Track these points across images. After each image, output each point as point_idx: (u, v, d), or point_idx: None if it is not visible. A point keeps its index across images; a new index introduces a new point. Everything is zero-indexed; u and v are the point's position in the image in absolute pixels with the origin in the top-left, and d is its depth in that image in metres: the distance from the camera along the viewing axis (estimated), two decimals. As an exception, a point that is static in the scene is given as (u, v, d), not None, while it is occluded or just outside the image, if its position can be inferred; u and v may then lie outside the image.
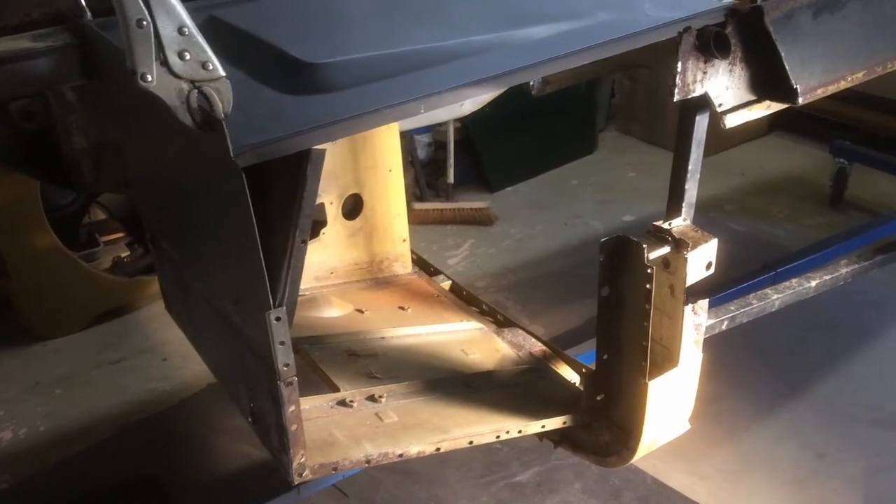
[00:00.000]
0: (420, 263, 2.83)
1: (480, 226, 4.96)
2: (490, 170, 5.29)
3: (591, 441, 2.05)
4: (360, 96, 1.37)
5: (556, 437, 2.10)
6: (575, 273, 4.46)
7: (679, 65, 1.67)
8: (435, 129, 5.27)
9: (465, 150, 5.28)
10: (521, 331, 2.30)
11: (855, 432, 3.51)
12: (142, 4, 1.16)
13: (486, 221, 4.97)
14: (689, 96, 1.74)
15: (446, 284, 2.74)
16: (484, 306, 2.64)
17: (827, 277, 2.36)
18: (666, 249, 1.76)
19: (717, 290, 3.52)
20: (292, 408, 1.43)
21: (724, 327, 2.20)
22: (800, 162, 5.59)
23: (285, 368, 1.41)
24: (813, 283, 2.34)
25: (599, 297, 1.83)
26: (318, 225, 2.28)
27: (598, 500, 3.30)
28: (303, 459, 1.50)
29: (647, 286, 1.74)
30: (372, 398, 1.83)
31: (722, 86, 1.77)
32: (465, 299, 2.68)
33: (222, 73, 1.24)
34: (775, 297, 2.27)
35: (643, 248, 1.73)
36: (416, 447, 1.69)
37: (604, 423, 1.97)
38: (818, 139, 5.49)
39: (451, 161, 5.09)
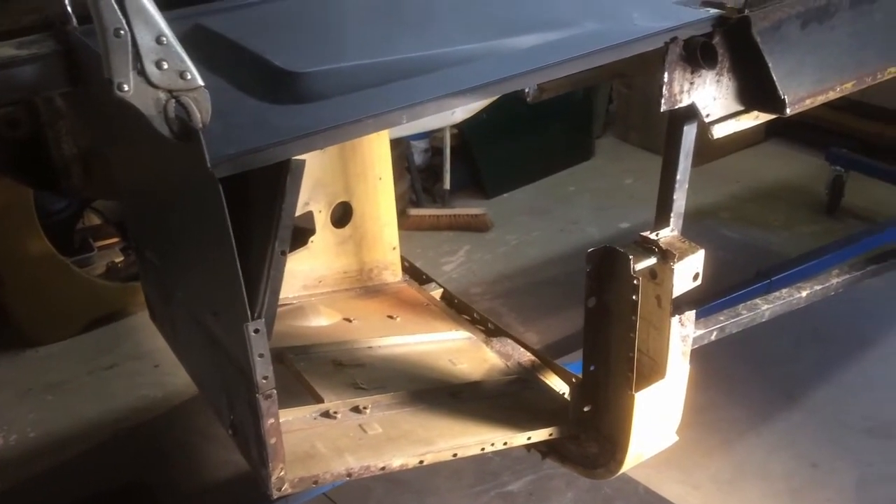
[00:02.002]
0: (412, 271, 2.82)
1: (476, 232, 4.95)
2: (486, 176, 5.28)
3: (578, 453, 2.03)
4: (343, 106, 1.36)
5: (543, 449, 2.08)
6: (570, 280, 4.45)
7: (666, 75, 1.66)
8: (432, 136, 5.26)
9: (462, 156, 5.27)
10: (510, 340, 2.29)
11: (849, 442, 3.49)
12: (119, 13, 1.15)
13: (482, 228, 4.96)
14: (676, 107, 1.73)
15: (438, 292, 2.73)
16: (475, 314, 2.63)
17: (818, 287, 2.34)
18: (652, 260, 1.75)
19: (710, 298, 3.52)
20: (271, 421, 1.42)
21: (713, 338, 2.19)
22: (796, 169, 5.58)
23: (264, 381, 1.39)
24: (804, 294, 2.32)
25: (586, 308, 1.82)
26: (306, 233, 2.27)
27: (591, 510, 3.29)
28: (282, 473, 1.49)
29: (634, 297, 1.72)
30: (356, 409, 1.82)
31: (709, 96, 1.76)
32: (457, 307, 2.67)
33: (200, 82, 1.23)
34: (765, 308, 2.26)
35: (629, 259, 1.71)
36: (399, 460, 1.67)
37: (591, 434, 1.96)
38: (815, 147, 5.48)
39: (448, 167, 5.08)
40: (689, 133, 1.85)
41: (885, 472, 3.32)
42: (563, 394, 2.11)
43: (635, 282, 1.71)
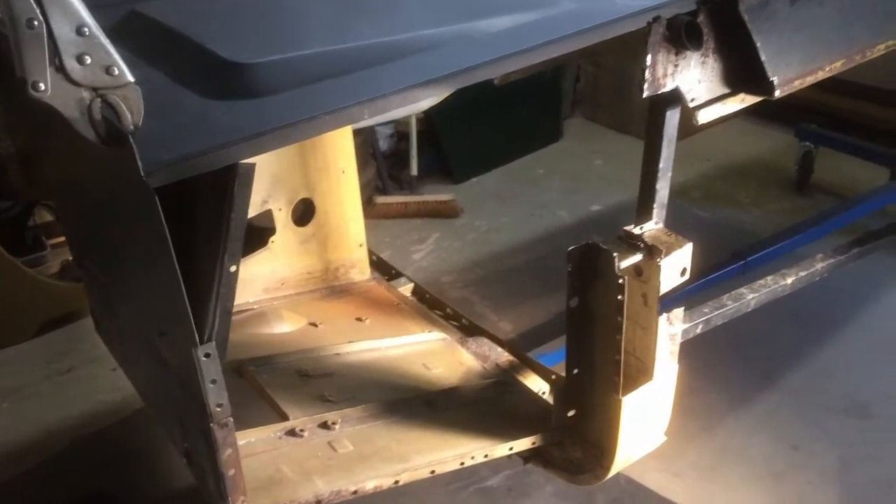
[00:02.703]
0: (380, 266, 2.69)
1: (446, 219, 4.83)
2: (454, 161, 5.15)
3: (562, 458, 1.93)
4: (296, 101, 1.22)
5: (525, 454, 1.97)
6: (542, 265, 4.37)
7: (648, 57, 1.54)
8: (397, 121, 5.11)
9: (429, 141, 5.13)
10: (486, 339, 2.17)
11: (827, 423, 3.46)
12: (32, 1, 1.00)
13: (451, 214, 4.84)
14: (660, 91, 1.61)
15: (408, 287, 2.61)
16: (448, 309, 2.51)
17: (803, 274, 2.26)
18: (638, 257, 1.63)
19: (687, 281, 3.44)
20: (228, 451, 1.29)
21: (698, 331, 2.09)
22: (766, 146, 5.53)
23: (218, 409, 1.26)
24: (789, 280, 2.23)
25: (568, 309, 1.70)
26: (265, 233, 2.13)
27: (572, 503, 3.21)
28: (244, 504, 1.36)
29: (619, 297, 1.61)
30: (324, 425, 1.68)
31: (694, 79, 1.64)
32: (429, 303, 2.55)
33: (130, 78, 1.07)
34: (751, 297, 2.17)
35: (614, 257, 1.60)
36: (373, 481, 1.55)
37: (576, 440, 1.85)
38: (785, 123, 5.43)
39: (415, 153, 4.95)
40: (672, 118, 1.74)
41: (865, 453, 3.30)
42: (544, 394, 2.00)
43: (620, 280, 1.60)
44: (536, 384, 2.01)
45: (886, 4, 1.78)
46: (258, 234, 2.10)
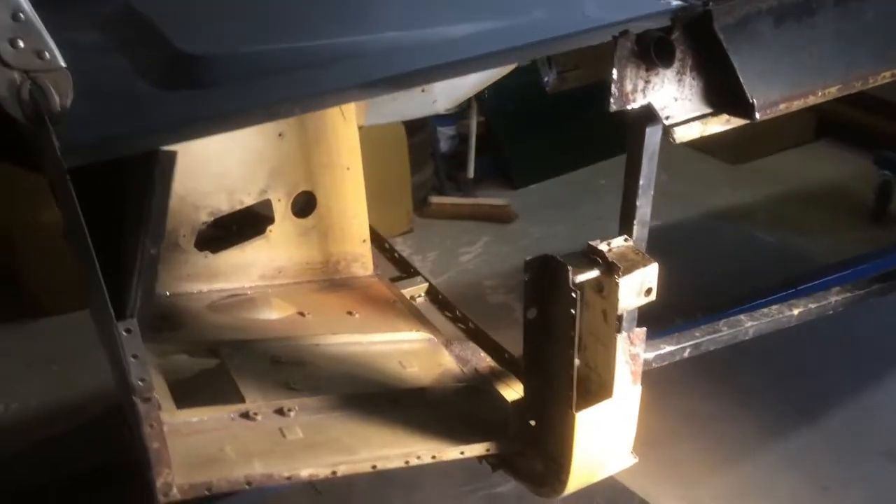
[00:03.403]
0: (400, 263, 2.72)
1: (499, 223, 4.82)
2: (514, 166, 5.13)
3: (526, 469, 1.92)
4: (236, 94, 1.26)
5: (494, 461, 1.97)
6: (587, 278, 4.30)
7: (615, 72, 1.52)
8: (459, 122, 5.14)
9: (491, 145, 5.14)
10: (472, 344, 2.17)
11: (864, 465, 3.31)
12: (-30, -13, 1.08)
13: (504, 219, 4.83)
14: (629, 107, 1.59)
15: (422, 287, 2.63)
16: (458, 312, 2.52)
17: (812, 306, 2.16)
18: (594, 273, 1.61)
19: (731, 304, 3.34)
20: (151, 425, 1.34)
21: (685, 355, 2.04)
22: (844, 172, 5.28)
23: (140, 384, 1.32)
24: (795, 312, 2.15)
25: (525, 320, 1.69)
26: (263, 220, 2.20)
27: (580, 519, 3.18)
28: (168, 479, 1.42)
29: (573, 311, 1.59)
30: (280, 411, 1.73)
31: (669, 96, 1.61)
32: (440, 304, 2.57)
33: (61, 63, 1.14)
34: (749, 325, 2.09)
35: (568, 270, 1.58)
36: (309, 469, 1.58)
37: (536, 452, 1.84)
38: (866, 149, 5.18)
39: (472, 155, 4.97)
40: (653, 135, 1.71)
41: (898, 500, 3.14)
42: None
43: (574, 295, 1.58)
44: (512, 395, 2.00)
45: (891, 30, 1.71)
46: (256, 222, 2.16)
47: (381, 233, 2.62)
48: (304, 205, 2.24)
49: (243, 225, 2.16)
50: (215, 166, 2.05)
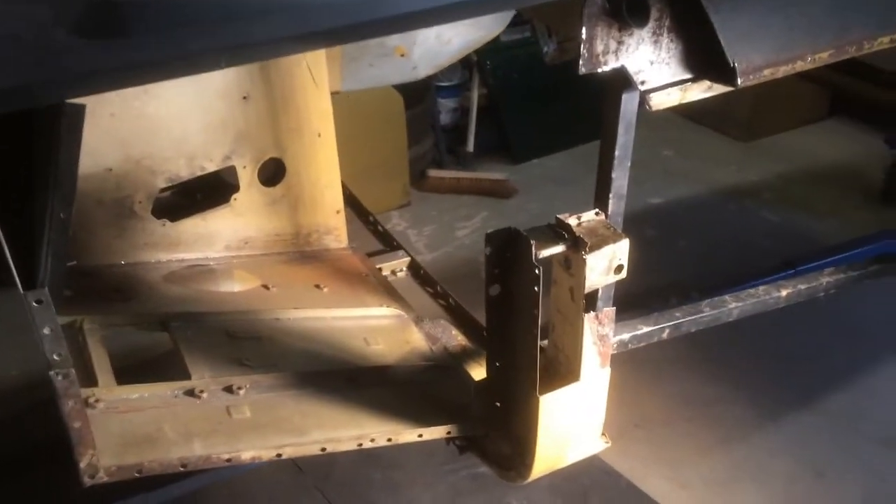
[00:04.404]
0: (383, 237, 2.63)
1: (498, 198, 4.73)
2: (515, 140, 5.02)
3: (493, 451, 1.83)
4: (156, 44, 1.16)
5: (462, 443, 1.88)
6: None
7: (584, 31, 1.40)
8: (462, 94, 5.02)
9: (492, 119, 5.02)
10: (444, 322, 2.08)
11: (862, 451, 3.22)
12: None
13: (504, 194, 4.73)
14: (599, 69, 1.48)
15: (404, 261, 2.53)
16: (438, 288, 2.43)
17: (802, 287, 2.05)
18: (560, 248, 1.51)
19: (730, 284, 3.23)
20: (70, 403, 1.26)
21: (664, 336, 1.93)
22: (855, 151, 5.13)
23: (56, 358, 1.23)
24: (783, 293, 2.03)
25: (487, 297, 1.59)
26: (227, 188, 2.10)
27: (564, 500, 3.09)
28: (93, 460, 1.33)
29: (535, 288, 1.49)
30: (229, 389, 1.64)
31: (644, 60, 1.50)
32: (421, 279, 2.48)
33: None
34: (733, 306, 1.98)
35: (531, 245, 1.48)
36: (252, 451, 1.49)
37: (502, 434, 1.75)
38: (880, 127, 5.02)
39: (473, 128, 4.87)
40: (630, 102, 1.60)
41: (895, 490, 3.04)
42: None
43: (537, 271, 1.48)
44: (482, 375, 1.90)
45: (890, -9, 1.58)
46: (219, 190, 2.07)
47: (377, 206, 2.52)
48: (273, 173, 2.14)
49: (207, 192, 2.06)
50: (174, 129, 1.95)
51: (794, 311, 3.64)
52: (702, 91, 1.58)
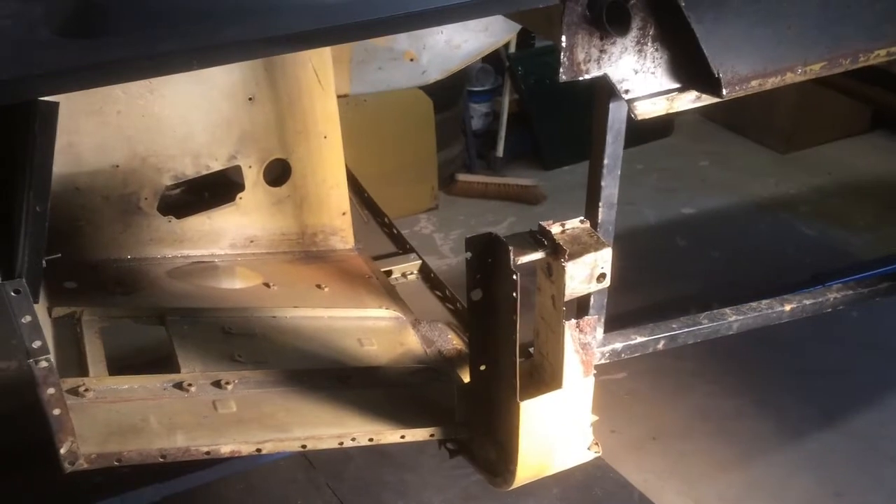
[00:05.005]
0: (397, 239, 2.66)
1: (526, 204, 4.72)
2: (546, 147, 5.00)
3: (482, 456, 1.83)
4: (128, 44, 1.19)
5: (452, 447, 1.89)
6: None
7: (564, 39, 1.41)
8: (494, 99, 5.03)
9: (524, 125, 5.01)
10: (441, 325, 2.09)
11: (883, 473, 3.15)
12: None
13: (532, 200, 4.72)
14: (581, 78, 1.48)
15: (416, 265, 2.56)
16: (447, 291, 2.45)
17: (807, 302, 2.02)
18: (538, 255, 1.51)
19: (754, 297, 3.19)
20: (50, 391, 1.30)
21: (660, 347, 1.92)
22: (897, 165, 5.01)
23: (35, 347, 1.27)
24: (787, 308, 2.00)
25: (469, 301, 1.60)
26: (233, 187, 2.14)
27: (575, 510, 3.08)
28: (73, 447, 1.38)
29: (514, 294, 1.50)
30: (217, 384, 1.67)
31: (628, 69, 1.49)
32: (432, 282, 2.50)
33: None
34: (733, 319, 1.96)
35: (510, 251, 1.49)
36: (231, 445, 1.52)
37: (487, 439, 1.76)
38: (923, 141, 4.90)
39: (503, 133, 4.87)
40: (618, 110, 1.59)
41: (915, 513, 2.97)
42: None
43: (514, 277, 1.49)
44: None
45: (885, 3, 1.55)
46: (226, 189, 2.11)
47: (405, 208, 2.53)
48: (279, 173, 2.18)
49: (214, 191, 2.11)
50: (178, 128, 2.00)
51: (820, 328, 3.57)
52: (690, 101, 1.57)
